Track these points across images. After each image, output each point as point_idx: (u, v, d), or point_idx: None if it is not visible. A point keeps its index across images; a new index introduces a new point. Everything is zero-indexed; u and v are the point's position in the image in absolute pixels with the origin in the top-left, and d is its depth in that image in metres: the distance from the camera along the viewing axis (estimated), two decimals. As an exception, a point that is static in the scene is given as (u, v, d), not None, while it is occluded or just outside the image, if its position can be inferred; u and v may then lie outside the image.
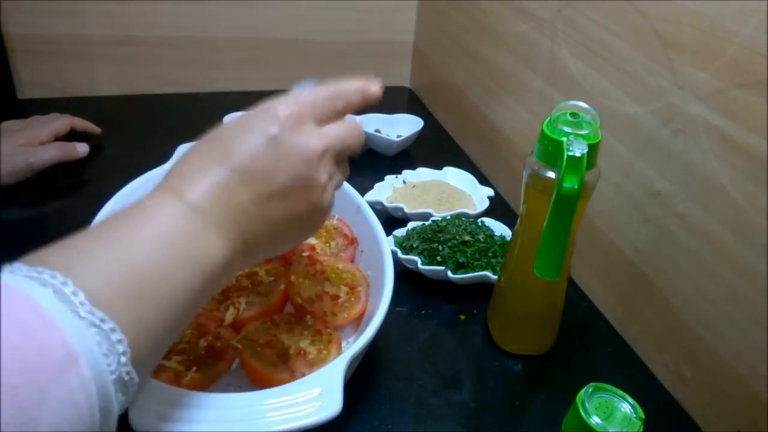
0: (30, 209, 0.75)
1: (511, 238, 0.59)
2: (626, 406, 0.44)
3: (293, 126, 0.39)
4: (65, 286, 0.28)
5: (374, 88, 0.47)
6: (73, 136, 0.84)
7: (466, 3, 0.93)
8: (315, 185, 0.40)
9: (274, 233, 0.39)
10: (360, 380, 0.54)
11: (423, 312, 0.65)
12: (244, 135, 0.38)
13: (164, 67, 1.04)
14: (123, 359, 0.29)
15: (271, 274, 0.59)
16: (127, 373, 0.29)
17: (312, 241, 0.65)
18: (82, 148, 0.80)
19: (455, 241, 0.67)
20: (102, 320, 0.28)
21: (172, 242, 0.33)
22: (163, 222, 0.34)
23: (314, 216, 0.42)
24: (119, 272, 0.30)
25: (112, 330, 0.28)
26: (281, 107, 0.39)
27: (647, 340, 0.61)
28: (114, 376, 0.28)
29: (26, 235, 0.70)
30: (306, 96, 0.41)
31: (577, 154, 0.46)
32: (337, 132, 0.42)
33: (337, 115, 0.43)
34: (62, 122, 0.82)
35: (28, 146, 0.76)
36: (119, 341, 0.29)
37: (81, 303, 0.28)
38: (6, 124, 0.79)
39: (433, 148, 0.98)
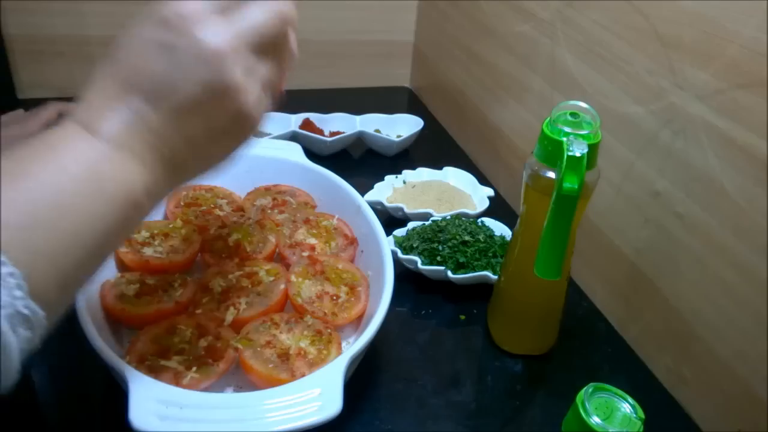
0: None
1: (511, 238, 0.59)
2: (626, 406, 0.44)
3: (190, 25, 0.34)
4: None
5: None
6: None
7: (466, 3, 0.93)
8: (228, 88, 0.34)
9: (198, 149, 0.36)
10: (360, 380, 0.54)
11: (423, 312, 0.65)
12: (136, 48, 0.35)
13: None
14: (17, 293, 0.27)
15: (271, 274, 0.59)
16: (26, 306, 0.28)
17: (312, 241, 0.65)
18: None
19: (455, 241, 0.67)
20: None
21: (78, 173, 0.31)
22: (68, 154, 0.32)
23: (241, 123, 0.37)
24: (14, 207, 0.29)
25: (1, 263, 0.27)
26: (171, 6, 0.34)
27: (647, 340, 0.61)
28: (8, 310, 0.27)
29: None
30: None
31: (577, 154, 0.46)
32: (252, 16, 0.36)
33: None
34: (50, 110, 0.80)
35: (19, 138, 0.75)
36: (10, 274, 0.27)
37: None
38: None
39: (433, 148, 0.98)
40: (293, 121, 0.92)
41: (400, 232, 0.71)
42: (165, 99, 0.34)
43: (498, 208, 0.80)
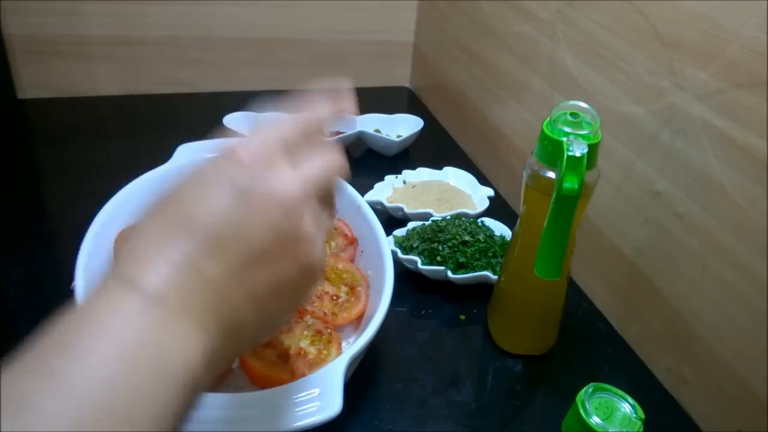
0: (30, 209, 0.75)
1: (511, 238, 0.59)
2: (626, 406, 0.44)
3: (263, 171, 0.31)
4: None
5: (347, 99, 0.39)
6: None
7: (466, 3, 0.93)
8: (301, 239, 0.32)
9: (261, 307, 0.32)
10: (360, 380, 0.54)
11: (423, 312, 0.65)
12: (204, 194, 0.31)
13: (164, 67, 1.04)
14: None
15: (271, 274, 0.59)
16: None
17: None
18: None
19: (455, 241, 0.67)
20: None
21: (136, 355, 0.26)
22: (120, 330, 0.26)
23: (306, 276, 0.33)
24: (70, 415, 0.24)
25: None
26: (244, 151, 0.32)
27: (647, 340, 0.61)
28: None
29: (27, 234, 0.70)
30: (271, 132, 0.34)
31: (577, 154, 0.46)
32: (318, 167, 0.34)
33: (312, 145, 0.35)
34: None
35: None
36: None
37: None
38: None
39: (433, 148, 0.98)
40: (293, 121, 0.92)
41: (400, 232, 0.71)
42: (233, 249, 0.30)
43: (498, 208, 0.80)
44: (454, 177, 0.85)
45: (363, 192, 0.72)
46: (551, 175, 0.49)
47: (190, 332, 0.28)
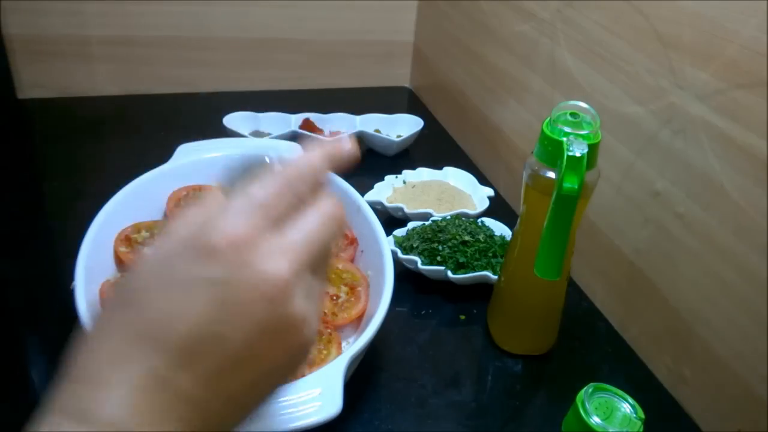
0: (30, 209, 0.75)
1: (511, 238, 0.59)
2: (626, 406, 0.44)
3: (241, 255, 0.26)
4: None
5: (346, 148, 0.33)
6: None
7: (466, 3, 0.93)
8: (291, 325, 0.27)
9: (246, 404, 0.28)
10: (360, 380, 0.54)
11: (423, 312, 0.65)
12: (171, 294, 0.25)
13: (164, 67, 1.04)
14: None
15: (271, 274, 0.59)
16: None
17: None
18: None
19: (455, 241, 0.67)
20: None
21: None
22: None
23: (300, 356, 0.29)
24: None
25: None
26: (217, 230, 0.26)
27: (647, 340, 0.61)
28: None
29: (27, 234, 0.70)
30: (251, 197, 0.28)
31: (577, 154, 0.46)
32: (308, 232, 0.29)
33: (300, 203, 0.29)
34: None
35: None
36: None
37: None
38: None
39: (433, 148, 0.98)
40: (293, 121, 0.92)
41: (400, 232, 0.71)
42: (206, 355, 0.25)
43: (498, 208, 0.80)
44: (454, 177, 0.85)
45: (363, 192, 0.72)
46: (551, 175, 0.49)
47: None
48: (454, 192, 0.81)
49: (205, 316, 0.25)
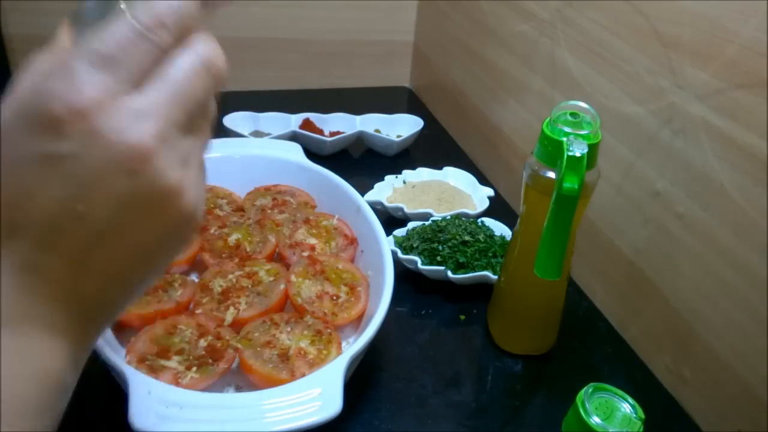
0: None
1: (511, 238, 0.59)
2: (626, 406, 0.44)
3: (90, 123, 0.22)
4: None
5: None
6: None
7: (466, 3, 0.93)
8: (163, 195, 0.25)
9: (126, 280, 0.27)
10: (360, 380, 0.54)
11: (423, 312, 0.65)
12: (18, 172, 0.23)
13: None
14: None
15: (271, 274, 0.59)
16: None
17: (312, 241, 0.65)
18: None
19: (455, 241, 0.67)
20: None
21: None
22: None
23: (182, 227, 0.27)
24: None
25: None
26: (56, 97, 0.22)
27: (647, 340, 0.61)
28: None
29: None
30: (97, 51, 0.23)
31: (577, 154, 0.46)
32: (174, 85, 0.25)
33: (163, 53, 0.25)
34: None
35: None
36: None
37: None
38: None
39: (433, 148, 0.98)
40: (293, 121, 0.92)
41: (400, 232, 0.71)
42: (67, 235, 0.24)
43: (498, 208, 0.80)
44: (454, 177, 0.85)
45: (363, 192, 0.72)
46: (551, 175, 0.49)
47: (39, 341, 0.24)
48: (454, 192, 0.81)
49: (59, 194, 0.23)
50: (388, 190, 0.81)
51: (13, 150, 0.23)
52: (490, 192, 0.81)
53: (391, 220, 0.77)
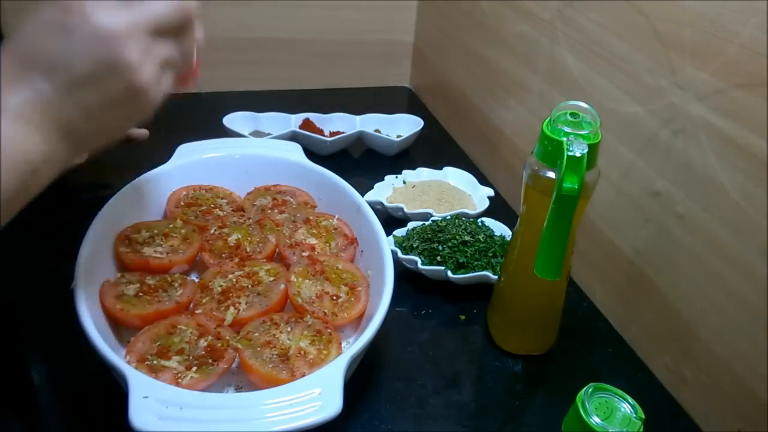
0: (29, 209, 0.75)
1: (511, 238, 0.59)
2: (626, 406, 0.44)
3: (85, 8, 0.36)
4: None
5: None
6: None
7: (466, 3, 0.93)
8: (124, 65, 0.37)
9: (93, 119, 0.39)
10: (360, 380, 0.54)
11: (423, 312, 0.65)
12: (37, 28, 0.38)
13: (164, 67, 1.04)
14: None
15: (271, 274, 0.59)
16: None
17: (312, 241, 0.65)
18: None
19: (455, 241, 0.67)
20: None
21: None
22: None
23: (135, 96, 0.39)
24: None
25: None
26: None
27: (647, 340, 0.61)
28: None
29: (26, 235, 0.69)
30: None
31: (577, 154, 0.46)
32: (148, 6, 0.39)
33: None
34: None
35: None
36: None
37: None
38: None
39: (433, 148, 0.98)
40: (293, 121, 0.92)
41: (400, 232, 0.71)
42: (61, 73, 0.37)
43: (498, 208, 0.80)
44: (454, 177, 0.85)
45: (363, 192, 0.72)
46: (551, 175, 0.49)
47: (30, 134, 0.36)
48: (454, 192, 0.81)
49: (60, 47, 0.36)
50: (388, 190, 0.81)
51: (41, 17, 0.38)
52: (490, 192, 0.81)
53: (391, 220, 0.77)
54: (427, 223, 0.71)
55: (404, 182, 0.83)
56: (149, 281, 0.56)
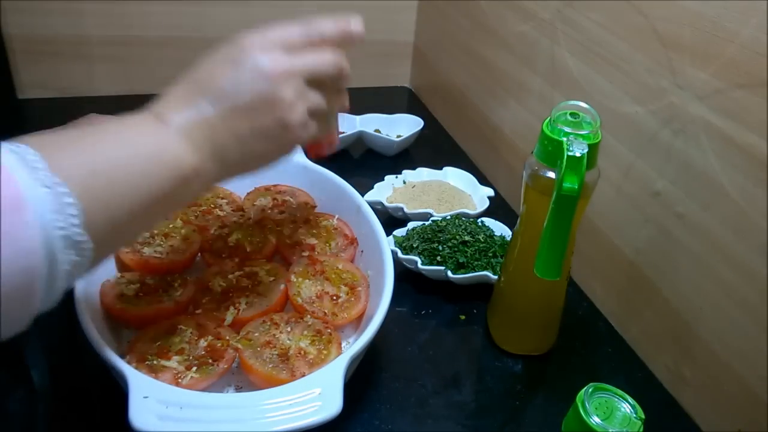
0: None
1: (511, 238, 0.59)
2: (626, 406, 0.44)
3: (258, 51, 0.42)
4: (30, 156, 0.32)
5: (354, 25, 0.49)
6: None
7: (466, 3, 0.93)
8: (278, 102, 0.42)
9: (243, 145, 0.43)
10: (360, 380, 0.54)
11: (423, 312, 0.65)
12: (211, 62, 0.43)
13: (164, 67, 1.03)
14: (74, 220, 0.32)
15: (271, 274, 0.59)
16: (80, 234, 0.33)
17: (312, 241, 0.65)
18: None
19: (455, 241, 0.67)
20: (56, 183, 0.32)
21: (139, 143, 0.39)
22: (135, 130, 0.40)
23: (283, 132, 0.44)
24: (84, 158, 0.35)
25: (65, 194, 0.32)
26: (247, 37, 0.43)
27: (647, 340, 0.61)
28: (62, 232, 0.32)
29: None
30: (275, 28, 0.45)
31: (577, 154, 0.46)
32: (307, 57, 0.45)
33: (311, 46, 0.46)
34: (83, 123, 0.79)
35: None
36: (70, 204, 0.32)
37: (40, 168, 0.32)
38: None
39: (433, 148, 0.98)
40: (293, 121, 0.92)
41: (400, 232, 0.71)
42: (225, 101, 0.41)
43: (498, 208, 0.80)
44: (454, 177, 0.85)
45: (363, 192, 0.72)
46: (551, 175, 0.49)
47: (187, 147, 0.40)
48: (454, 192, 0.81)
49: (227, 78, 0.42)
50: (388, 190, 0.81)
51: (217, 51, 0.44)
52: (490, 192, 0.81)
53: (391, 220, 0.77)
54: (427, 223, 0.71)
55: (404, 182, 0.83)
56: (149, 281, 0.56)
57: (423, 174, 0.85)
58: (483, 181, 0.85)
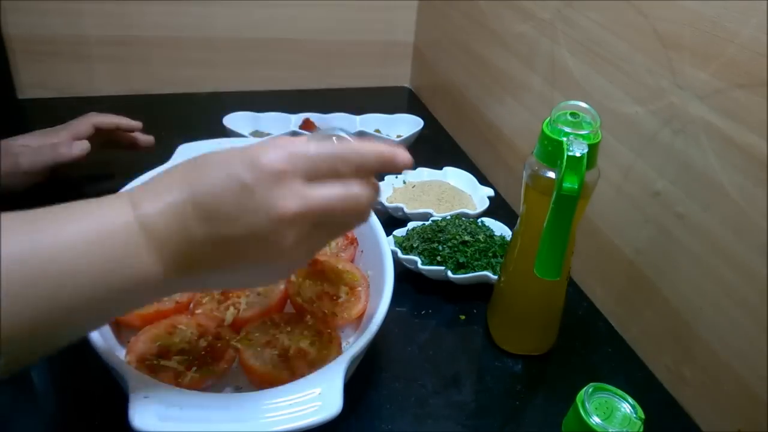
0: (29, 209, 0.75)
1: (511, 238, 0.59)
2: (626, 406, 0.44)
3: (272, 180, 0.35)
4: None
5: (402, 158, 0.39)
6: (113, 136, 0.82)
7: (466, 3, 0.93)
8: (274, 248, 0.36)
9: (222, 273, 0.38)
10: (360, 380, 0.54)
11: (423, 312, 0.65)
12: (218, 171, 0.36)
13: (164, 67, 1.04)
14: None
15: (271, 274, 0.59)
16: None
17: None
18: (75, 149, 0.74)
19: (455, 241, 0.67)
20: None
21: (100, 241, 0.34)
22: (102, 220, 0.34)
23: (267, 274, 0.40)
24: (28, 249, 0.32)
25: None
26: (267, 155, 0.36)
27: (647, 340, 0.61)
28: None
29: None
30: (303, 148, 0.37)
31: (577, 154, 0.46)
32: (326, 196, 0.37)
33: (338, 176, 0.38)
34: (82, 122, 0.77)
35: (41, 147, 0.73)
36: None
37: None
38: (41, 131, 0.76)
39: (433, 148, 0.98)
40: (293, 121, 0.92)
41: (400, 232, 0.71)
42: (217, 225, 0.35)
43: (498, 208, 0.80)
44: (454, 177, 0.85)
45: (363, 192, 0.72)
46: (551, 175, 0.49)
47: (153, 258, 0.35)
48: (454, 192, 0.81)
49: (228, 198, 0.35)
50: (388, 190, 0.81)
51: (230, 163, 0.36)
52: (490, 192, 0.81)
53: (391, 220, 0.77)
54: (427, 223, 0.71)
55: (404, 182, 0.83)
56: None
57: (423, 174, 0.85)
58: (483, 181, 0.85)
